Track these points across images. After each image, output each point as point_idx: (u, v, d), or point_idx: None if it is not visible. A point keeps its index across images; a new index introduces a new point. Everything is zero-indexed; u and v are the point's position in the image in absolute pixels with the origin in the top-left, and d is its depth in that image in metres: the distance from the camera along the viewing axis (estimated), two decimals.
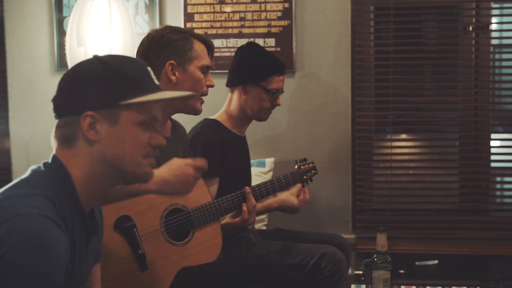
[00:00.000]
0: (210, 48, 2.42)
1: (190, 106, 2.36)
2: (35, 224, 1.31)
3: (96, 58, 1.50)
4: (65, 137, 1.47)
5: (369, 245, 3.42)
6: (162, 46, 2.31)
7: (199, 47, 2.36)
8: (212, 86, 2.41)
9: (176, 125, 2.47)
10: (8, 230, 1.30)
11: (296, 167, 2.79)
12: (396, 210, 3.80)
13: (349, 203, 3.76)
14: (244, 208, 2.47)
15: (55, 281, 1.33)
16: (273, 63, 2.88)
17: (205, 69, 2.37)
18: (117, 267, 2.08)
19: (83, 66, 1.50)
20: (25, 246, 1.29)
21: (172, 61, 2.30)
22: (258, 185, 2.58)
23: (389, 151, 3.80)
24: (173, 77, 2.30)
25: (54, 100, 1.49)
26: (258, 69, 2.83)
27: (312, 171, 2.83)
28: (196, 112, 2.40)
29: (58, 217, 1.39)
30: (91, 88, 1.45)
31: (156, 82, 1.54)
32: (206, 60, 2.37)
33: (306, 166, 2.80)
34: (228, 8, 3.72)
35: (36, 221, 1.32)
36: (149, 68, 1.54)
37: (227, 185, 2.66)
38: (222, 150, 2.71)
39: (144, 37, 2.38)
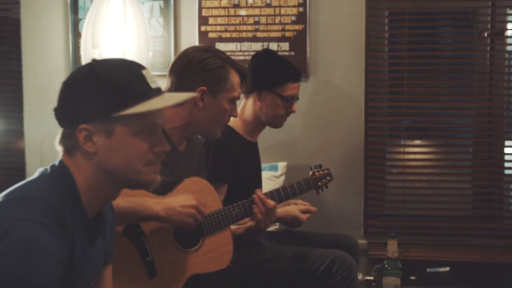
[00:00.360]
0: (244, 79, 2.42)
1: (210, 132, 2.39)
2: (29, 229, 1.33)
3: (89, 66, 1.47)
4: (67, 147, 1.49)
5: (380, 250, 3.40)
6: (199, 71, 2.29)
7: (234, 78, 2.35)
8: (235, 116, 2.44)
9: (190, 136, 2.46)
10: (3, 234, 1.31)
11: (310, 173, 2.76)
12: (409, 216, 3.78)
13: (361, 208, 3.75)
14: (256, 210, 2.44)
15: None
16: (289, 69, 2.87)
17: (233, 100, 2.38)
18: (126, 274, 2.07)
19: (76, 75, 1.48)
20: (17, 251, 1.30)
21: (204, 88, 2.29)
22: (270, 192, 2.56)
23: (402, 156, 3.79)
24: (201, 103, 2.30)
25: (55, 110, 1.50)
26: (274, 76, 2.83)
27: (328, 177, 2.78)
28: (214, 138, 2.44)
29: (57, 222, 1.39)
30: (83, 100, 1.44)
31: (154, 85, 1.48)
32: (237, 92, 2.37)
33: (321, 172, 2.77)
34: (242, 12, 3.73)
35: (31, 227, 1.33)
36: (144, 71, 1.48)
37: (237, 191, 2.65)
38: (233, 156, 2.70)
39: (183, 53, 2.35)
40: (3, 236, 1.31)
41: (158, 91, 1.48)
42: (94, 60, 1.49)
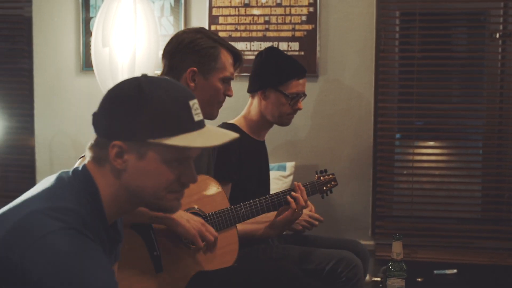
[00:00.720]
0: (238, 59, 2.41)
1: (206, 112, 2.34)
2: (69, 238, 1.31)
3: (137, 82, 1.42)
4: (96, 157, 1.46)
5: (388, 251, 3.33)
6: (189, 51, 2.29)
7: (225, 57, 2.33)
8: (230, 96, 2.41)
9: None
10: (45, 250, 1.29)
11: (316, 177, 2.77)
12: (417, 218, 3.77)
13: (369, 209, 3.74)
14: (291, 199, 2.50)
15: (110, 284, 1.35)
16: (292, 67, 2.84)
17: (226, 80, 2.36)
18: (133, 267, 2.09)
19: (122, 89, 1.44)
20: (65, 265, 1.29)
21: (194, 68, 2.28)
22: (277, 194, 2.56)
23: (411, 157, 3.78)
24: (192, 84, 2.28)
25: (93, 115, 1.46)
26: (276, 74, 2.81)
27: (332, 183, 2.79)
28: (212, 118, 2.41)
29: (88, 231, 1.38)
30: (122, 117, 1.39)
31: (197, 117, 1.44)
32: (229, 72, 2.35)
33: (326, 177, 2.77)
34: (253, 11, 3.73)
35: (69, 236, 1.32)
36: (191, 102, 1.44)
37: (244, 190, 2.66)
38: (238, 156, 2.69)
39: (174, 36, 2.36)
40: (46, 253, 1.28)
41: (200, 125, 1.45)
42: (143, 76, 1.45)
